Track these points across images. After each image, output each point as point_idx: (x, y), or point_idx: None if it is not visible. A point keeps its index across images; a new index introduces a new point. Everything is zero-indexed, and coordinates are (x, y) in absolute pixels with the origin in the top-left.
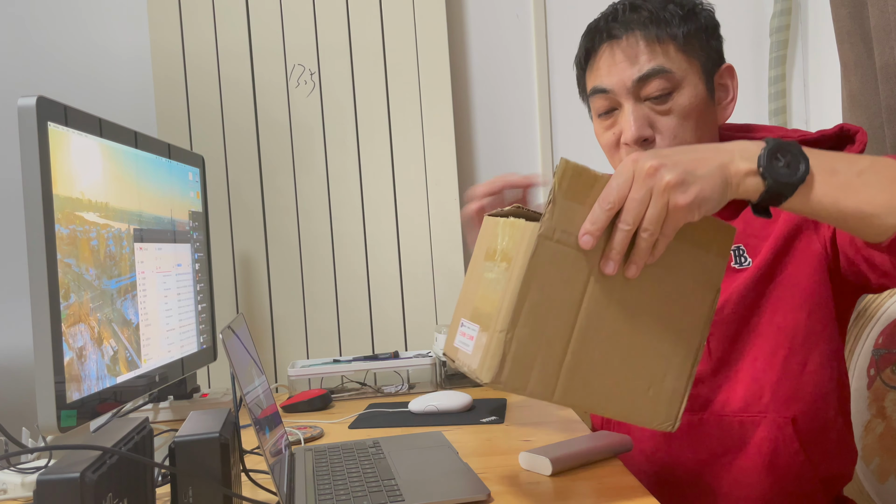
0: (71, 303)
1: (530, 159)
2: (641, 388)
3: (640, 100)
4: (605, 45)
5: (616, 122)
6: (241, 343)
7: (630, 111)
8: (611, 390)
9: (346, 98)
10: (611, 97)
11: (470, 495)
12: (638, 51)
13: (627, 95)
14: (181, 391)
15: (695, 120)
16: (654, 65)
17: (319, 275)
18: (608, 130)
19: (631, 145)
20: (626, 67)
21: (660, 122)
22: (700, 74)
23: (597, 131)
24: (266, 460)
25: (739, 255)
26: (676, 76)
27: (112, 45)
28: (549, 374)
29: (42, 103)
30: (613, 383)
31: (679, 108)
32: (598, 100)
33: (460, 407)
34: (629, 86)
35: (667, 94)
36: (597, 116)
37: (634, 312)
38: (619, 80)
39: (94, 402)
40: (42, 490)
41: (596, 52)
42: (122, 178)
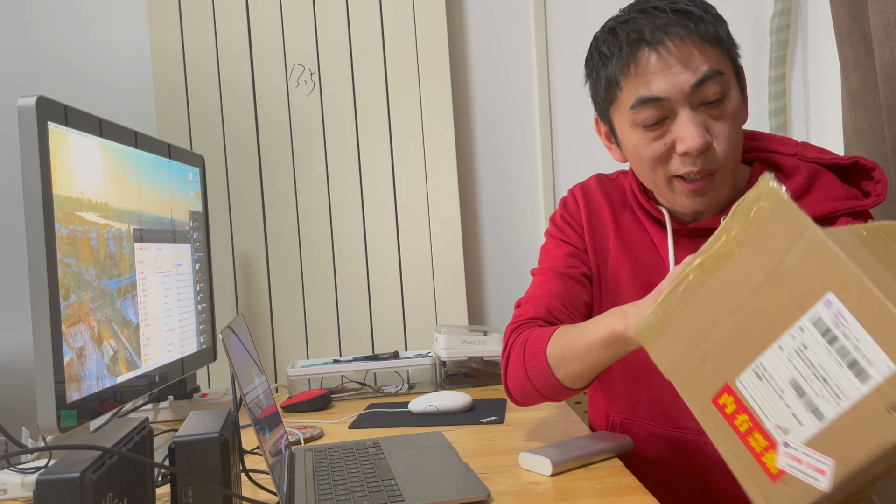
0: (71, 303)
1: (530, 159)
2: None
3: (695, 106)
4: (649, 51)
5: (666, 131)
6: (241, 343)
7: (689, 118)
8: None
9: (346, 98)
10: (664, 105)
11: (470, 495)
12: (689, 54)
13: (684, 102)
14: (181, 391)
15: (740, 123)
16: (708, 68)
17: (319, 275)
18: (656, 142)
19: (693, 155)
20: (680, 72)
21: (714, 128)
22: (734, 75)
23: (636, 144)
24: (266, 460)
25: None
26: (726, 78)
27: (112, 45)
28: None
29: (42, 103)
30: None
31: (730, 112)
32: (645, 110)
33: (460, 407)
34: (687, 91)
35: (720, 98)
36: (641, 128)
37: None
38: (674, 86)
39: (94, 402)
40: (42, 490)
41: (636, 58)
42: (122, 178)
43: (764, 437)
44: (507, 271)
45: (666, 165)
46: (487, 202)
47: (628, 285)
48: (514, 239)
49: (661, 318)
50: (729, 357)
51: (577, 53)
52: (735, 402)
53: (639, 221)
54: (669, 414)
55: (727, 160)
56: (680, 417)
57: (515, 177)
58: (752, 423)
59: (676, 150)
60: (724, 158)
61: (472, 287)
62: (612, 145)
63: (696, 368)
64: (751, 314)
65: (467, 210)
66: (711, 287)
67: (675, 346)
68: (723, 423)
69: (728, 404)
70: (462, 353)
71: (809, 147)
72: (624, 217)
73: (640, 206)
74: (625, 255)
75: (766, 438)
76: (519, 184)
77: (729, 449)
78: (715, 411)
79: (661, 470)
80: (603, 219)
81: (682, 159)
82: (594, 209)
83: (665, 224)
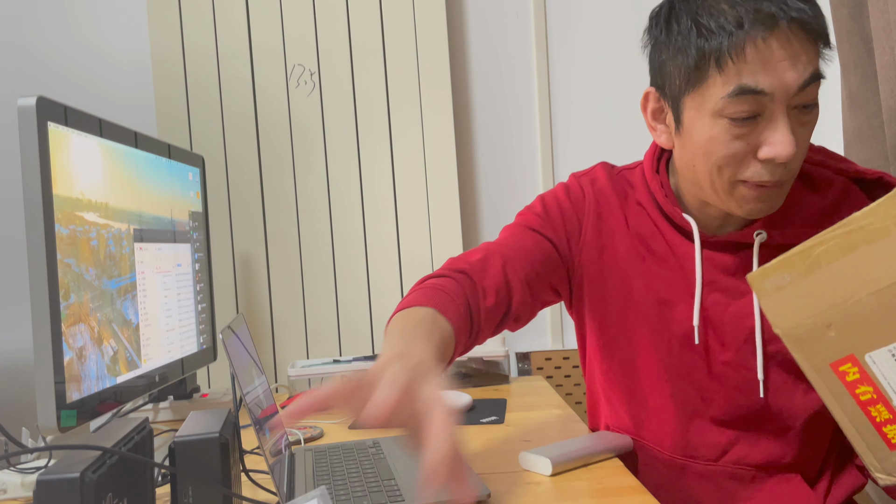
0: (71, 303)
1: (530, 159)
2: None
3: (790, 109)
4: (769, 34)
5: (754, 131)
6: (241, 343)
7: (785, 123)
8: None
9: (346, 98)
10: (762, 101)
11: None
12: (802, 47)
13: (783, 103)
14: (181, 391)
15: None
16: (814, 68)
17: (319, 275)
18: (738, 140)
19: (778, 164)
20: (788, 68)
21: (799, 135)
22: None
23: (713, 137)
24: (266, 460)
25: None
26: (820, 83)
27: (112, 46)
28: None
29: (42, 103)
30: None
31: (815, 120)
32: (744, 102)
33: (460, 407)
34: (792, 91)
35: (814, 103)
36: (728, 120)
37: None
38: (782, 82)
39: (94, 402)
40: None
41: (754, 40)
42: (122, 178)
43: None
44: None
45: (737, 168)
46: (487, 202)
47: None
48: None
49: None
50: (862, 332)
51: (577, 53)
52: (859, 373)
53: (652, 224)
54: (676, 440)
55: (798, 168)
56: (688, 445)
57: (515, 177)
58: (877, 395)
59: (759, 155)
60: (797, 167)
61: None
62: (662, 126)
63: (816, 331)
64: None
65: (467, 210)
66: (855, 260)
67: (795, 305)
68: (841, 388)
69: (850, 373)
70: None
71: (826, 153)
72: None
73: (660, 212)
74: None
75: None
76: (519, 184)
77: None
78: (833, 375)
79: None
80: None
81: (763, 165)
82: (603, 201)
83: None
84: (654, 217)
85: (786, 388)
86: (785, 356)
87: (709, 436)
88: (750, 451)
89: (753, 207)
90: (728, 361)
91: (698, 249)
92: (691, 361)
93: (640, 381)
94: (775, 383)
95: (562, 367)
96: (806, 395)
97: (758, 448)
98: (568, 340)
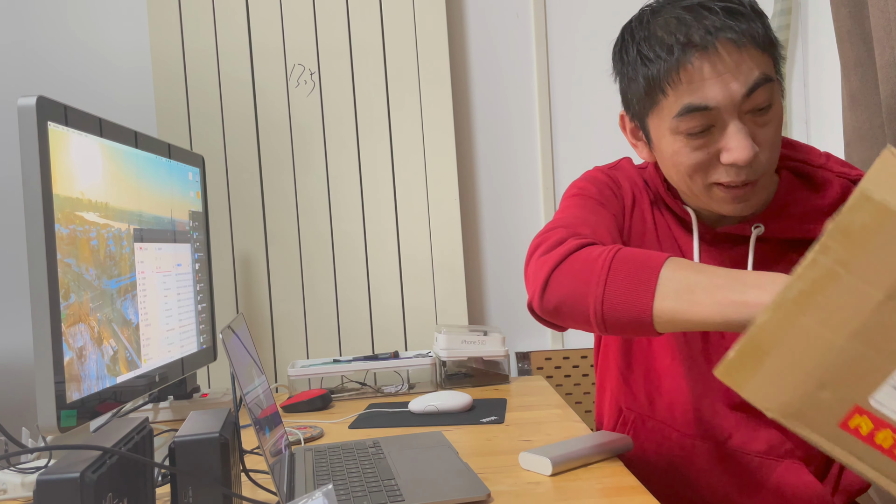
0: (71, 303)
1: (530, 159)
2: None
3: (743, 114)
4: (700, 57)
5: (711, 141)
6: (241, 343)
7: (738, 129)
8: None
9: (346, 98)
10: (711, 115)
11: (470, 495)
12: (740, 59)
13: (733, 111)
14: (181, 391)
15: (781, 127)
16: (759, 74)
17: (319, 275)
18: (699, 150)
19: (741, 165)
20: (730, 80)
21: (760, 135)
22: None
23: (675, 151)
24: (266, 460)
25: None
26: (773, 83)
27: (112, 45)
28: None
29: (42, 103)
30: None
31: (776, 117)
32: (693, 119)
33: (460, 407)
34: (738, 101)
35: (768, 105)
36: (684, 136)
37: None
38: (725, 95)
39: (94, 402)
40: (42, 490)
41: (685, 65)
42: (122, 178)
43: None
44: (507, 271)
45: (706, 173)
46: (487, 202)
47: None
48: (514, 239)
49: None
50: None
51: (578, 53)
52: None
53: (663, 219)
54: (689, 420)
55: (770, 166)
56: (699, 425)
57: (515, 177)
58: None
59: (721, 160)
60: (768, 165)
61: (472, 287)
62: (640, 143)
63: (810, 398)
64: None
65: (467, 210)
66: (816, 313)
67: (778, 381)
68: (860, 445)
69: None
70: (462, 353)
71: (832, 158)
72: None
73: (664, 205)
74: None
75: None
76: (519, 184)
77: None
78: (847, 436)
79: (667, 477)
80: (641, 198)
81: (727, 169)
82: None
83: (689, 225)
84: (662, 210)
85: None
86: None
87: (717, 418)
88: (752, 436)
89: (732, 207)
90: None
91: (696, 240)
92: (700, 345)
93: (655, 361)
94: None
95: (562, 367)
96: None
97: (758, 436)
98: (568, 340)
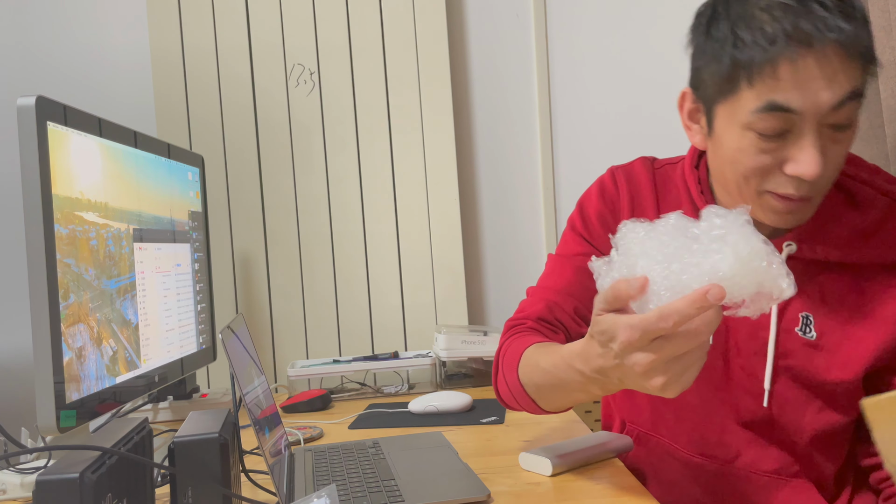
0: (70, 303)
1: (530, 159)
2: None
3: (822, 127)
4: (805, 54)
5: (782, 147)
6: (241, 343)
7: (813, 142)
8: None
9: (346, 98)
10: (791, 119)
11: (470, 495)
12: (839, 66)
13: (814, 122)
14: (181, 391)
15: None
16: (851, 88)
17: (319, 275)
18: (767, 154)
19: (805, 180)
20: (822, 88)
21: (831, 152)
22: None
23: (740, 147)
24: (266, 460)
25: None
26: (860, 101)
27: (112, 45)
28: None
29: (41, 103)
30: None
31: (851, 137)
32: (771, 119)
33: (460, 407)
34: (824, 111)
35: (849, 123)
36: (755, 134)
37: None
38: (814, 102)
39: (94, 403)
40: (41, 490)
41: (787, 59)
42: (122, 178)
43: None
44: (507, 271)
45: (764, 178)
46: (487, 202)
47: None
48: (514, 239)
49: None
50: None
51: (577, 53)
52: None
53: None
54: (695, 438)
55: (829, 185)
56: (706, 444)
57: (515, 177)
58: None
59: (785, 170)
60: (827, 184)
61: (472, 287)
62: (697, 127)
63: None
64: None
65: (467, 210)
66: None
67: None
68: None
69: None
70: (462, 354)
71: (881, 174)
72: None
73: (694, 209)
74: None
75: None
76: (519, 184)
77: None
78: None
79: (670, 495)
80: (646, 207)
81: (788, 180)
82: (638, 198)
83: None
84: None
85: (794, 404)
86: (798, 373)
87: (724, 436)
88: (761, 456)
89: (780, 218)
90: (742, 366)
91: None
92: (709, 362)
93: None
94: (783, 397)
95: None
96: (817, 414)
97: (767, 455)
98: None
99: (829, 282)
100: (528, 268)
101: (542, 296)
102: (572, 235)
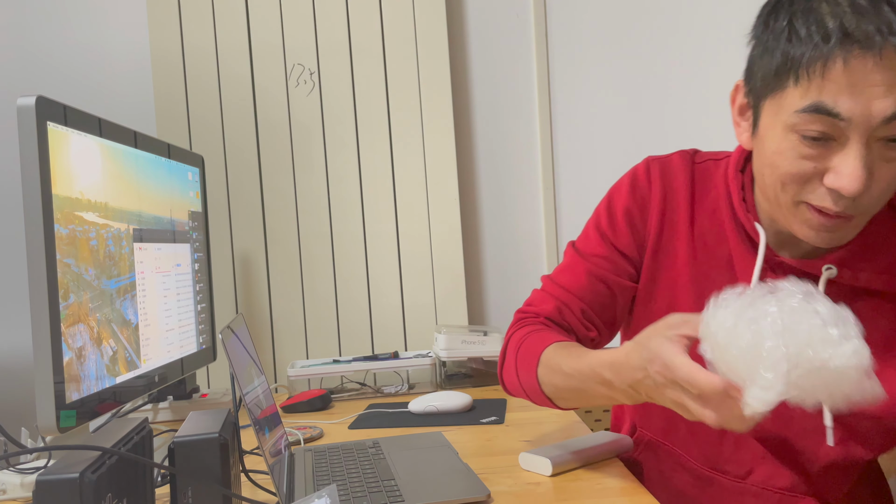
0: (70, 303)
1: (530, 159)
2: None
3: (873, 139)
4: (861, 55)
5: (825, 155)
6: (241, 343)
7: (858, 155)
8: None
9: (346, 98)
10: (838, 126)
11: (470, 495)
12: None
13: (863, 133)
14: (181, 391)
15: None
16: None
17: (319, 275)
18: (808, 160)
19: (846, 196)
20: (879, 95)
21: (880, 170)
22: None
23: (781, 150)
24: (266, 460)
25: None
26: None
27: (112, 45)
28: None
29: (41, 103)
30: None
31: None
32: (816, 121)
33: (460, 407)
34: (876, 122)
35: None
36: (798, 137)
37: None
38: (864, 110)
39: (94, 403)
40: (41, 490)
41: (839, 59)
42: (122, 178)
43: None
44: (507, 271)
45: (802, 187)
46: (487, 202)
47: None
48: (514, 239)
49: None
50: None
51: (577, 53)
52: None
53: (720, 226)
54: (707, 452)
55: (874, 208)
56: (719, 458)
57: (515, 177)
58: None
59: (824, 181)
60: (873, 206)
61: (472, 287)
62: (745, 124)
63: None
64: None
65: (467, 210)
66: None
67: None
68: None
69: None
70: (462, 354)
71: None
72: (703, 213)
73: (732, 215)
74: (691, 261)
75: None
76: (519, 184)
77: None
78: None
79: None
80: (678, 206)
81: (827, 192)
82: (671, 195)
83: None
84: (725, 218)
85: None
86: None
87: (738, 451)
88: (776, 471)
89: (815, 235)
90: None
91: (758, 266)
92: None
93: None
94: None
95: None
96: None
97: (783, 471)
98: None
99: (867, 309)
100: (528, 268)
101: (553, 293)
102: (595, 233)
